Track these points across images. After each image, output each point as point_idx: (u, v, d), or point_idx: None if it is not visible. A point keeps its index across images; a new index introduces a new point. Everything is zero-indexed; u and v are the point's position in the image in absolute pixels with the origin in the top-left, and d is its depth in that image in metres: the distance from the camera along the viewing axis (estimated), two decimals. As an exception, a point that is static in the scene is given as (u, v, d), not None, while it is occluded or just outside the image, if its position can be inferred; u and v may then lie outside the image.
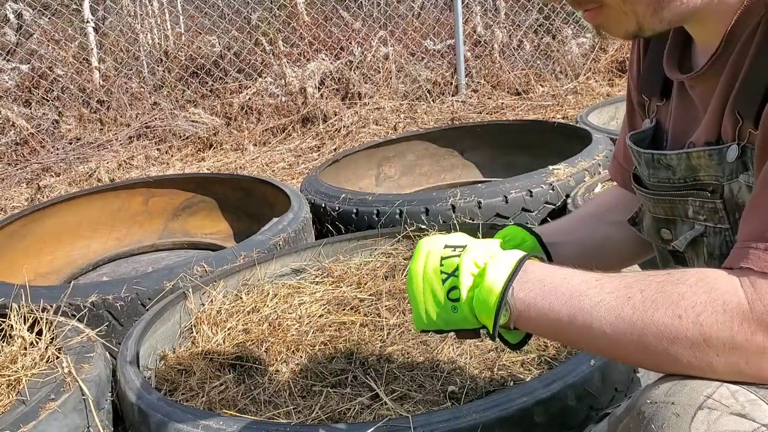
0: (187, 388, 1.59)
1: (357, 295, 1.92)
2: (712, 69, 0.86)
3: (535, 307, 0.80)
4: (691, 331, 0.71)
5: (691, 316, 0.71)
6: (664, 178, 0.95)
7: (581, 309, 0.77)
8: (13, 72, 4.37)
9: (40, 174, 4.06)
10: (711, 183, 0.87)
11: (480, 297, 0.82)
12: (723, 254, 0.88)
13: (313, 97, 4.62)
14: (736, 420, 0.67)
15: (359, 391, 1.52)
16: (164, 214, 3.07)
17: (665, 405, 0.71)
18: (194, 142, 4.44)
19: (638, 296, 0.74)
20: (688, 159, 0.89)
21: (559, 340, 0.82)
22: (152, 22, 5.03)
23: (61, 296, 1.96)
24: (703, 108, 0.90)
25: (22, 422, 1.38)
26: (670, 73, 0.95)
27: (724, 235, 0.88)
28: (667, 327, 0.72)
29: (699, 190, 0.89)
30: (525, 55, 5.35)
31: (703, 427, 0.67)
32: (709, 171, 0.87)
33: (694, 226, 0.92)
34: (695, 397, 0.70)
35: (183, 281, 2.00)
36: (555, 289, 0.79)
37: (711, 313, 0.70)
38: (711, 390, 0.70)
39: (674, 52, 0.95)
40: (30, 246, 2.77)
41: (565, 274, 0.81)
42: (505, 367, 1.55)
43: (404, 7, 5.50)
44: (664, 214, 0.97)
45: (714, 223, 0.88)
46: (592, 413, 1.28)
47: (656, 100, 1.01)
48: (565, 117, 4.34)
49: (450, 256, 0.85)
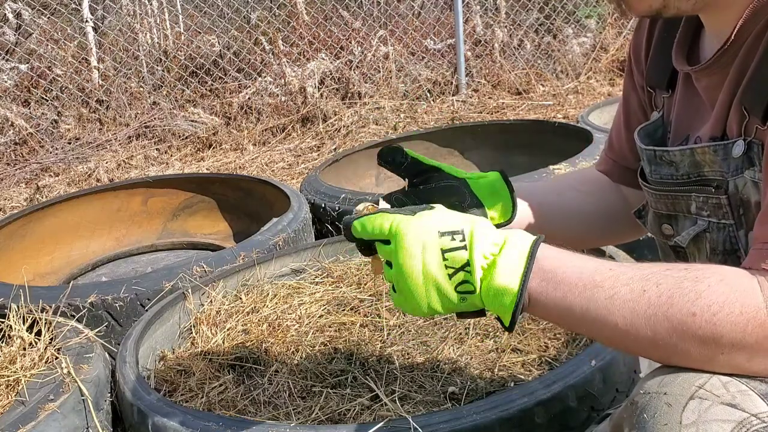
0: (187, 388, 1.58)
1: (357, 296, 1.92)
2: (720, 62, 0.85)
3: (547, 297, 0.78)
4: (703, 329, 0.70)
5: (707, 314, 0.70)
6: (666, 174, 0.94)
7: (595, 301, 0.76)
8: (12, 71, 4.37)
9: (39, 174, 4.05)
10: (715, 178, 0.87)
11: (494, 292, 0.78)
12: (726, 250, 0.88)
13: (313, 97, 4.61)
14: (727, 410, 0.68)
15: (359, 391, 1.51)
16: (163, 214, 3.07)
17: (657, 395, 0.72)
18: (193, 142, 4.43)
19: (654, 290, 0.73)
20: (693, 155, 0.89)
21: (569, 328, 0.80)
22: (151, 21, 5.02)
23: (60, 296, 1.95)
24: (708, 101, 0.89)
25: (21, 423, 1.37)
26: (678, 63, 0.94)
27: (728, 231, 0.87)
28: (681, 323, 0.71)
29: (703, 186, 0.89)
30: (525, 54, 5.34)
31: (693, 416, 0.68)
32: (713, 166, 0.86)
33: (696, 222, 0.91)
34: (687, 388, 0.71)
35: (182, 281, 2.00)
36: (568, 279, 0.77)
37: (727, 314, 0.70)
38: (703, 381, 0.71)
39: (684, 43, 0.94)
40: (29, 246, 2.77)
41: (579, 262, 0.79)
42: (505, 368, 1.55)
43: (404, 7, 5.50)
44: (666, 209, 0.97)
45: (718, 219, 0.88)
46: (593, 414, 1.28)
47: (662, 92, 1.00)
48: (565, 117, 4.33)
49: (453, 248, 0.78)
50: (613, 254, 1.76)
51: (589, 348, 1.35)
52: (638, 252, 2.05)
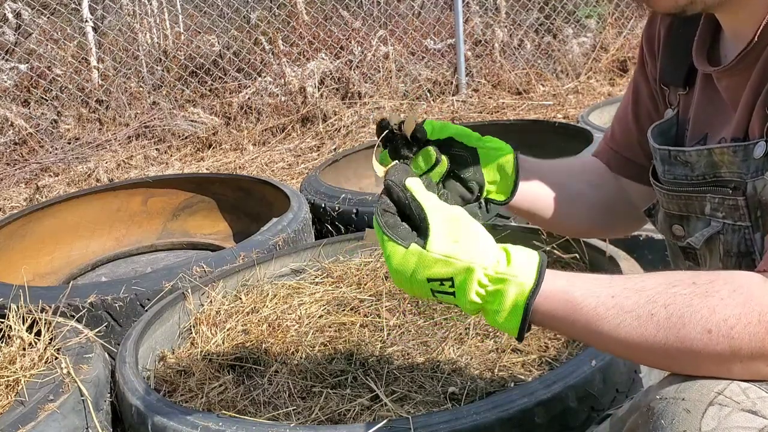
0: (186, 389, 1.58)
1: (357, 296, 1.92)
2: (743, 63, 0.84)
3: (553, 321, 0.77)
4: (721, 345, 0.69)
5: (723, 329, 0.69)
6: (681, 174, 0.93)
7: (600, 334, 0.74)
8: (12, 71, 4.36)
9: (39, 174, 4.05)
10: (733, 180, 0.85)
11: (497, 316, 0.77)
12: (741, 252, 0.87)
13: (313, 97, 4.61)
14: (747, 416, 0.67)
15: (359, 392, 1.51)
16: (163, 214, 3.07)
17: (675, 401, 0.71)
18: (193, 142, 4.43)
19: (662, 313, 0.71)
20: (710, 155, 0.87)
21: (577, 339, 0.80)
22: (151, 21, 5.02)
23: (59, 297, 1.95)
24: (729, 102, 0.88)
25: (21, 423, 1.37)
26: (699, 63, 0.93)
27: (743, 233, 0.86)
28: (695, 342, 0.70)
29: (719, 187, 0.87)
30: (526, 54, 5.34)
31: (713, 423, 0.67)
32: (732, 167, 0.85)
33: (710, 224, 0.90)
34: (706, 394, 0.69)
35: (182, 282, 1.99)
36: (569, 317, 0.75)
37: (745, 326, 0.68)
38: (722, 387, 0.70)
39: (704, 42, 0.93)
40: (29, 246, 2.77)
41: (581, 290, 0.76)
42: (505, 368, 1.54)
43: (404, 6, 5.50)
44: (678, 210, 0.95)
45: (733, 221, 0.87)
46: (593, 414, 1.28)
47: (678, 89, 0.99)
48: (565, 117, 4.33)
49: (442, 291, 0.78)
50: (614, 254, 1.76)
51: (590, 348, 1.35)
52: (638, 252, 2.04)
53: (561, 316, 0.76)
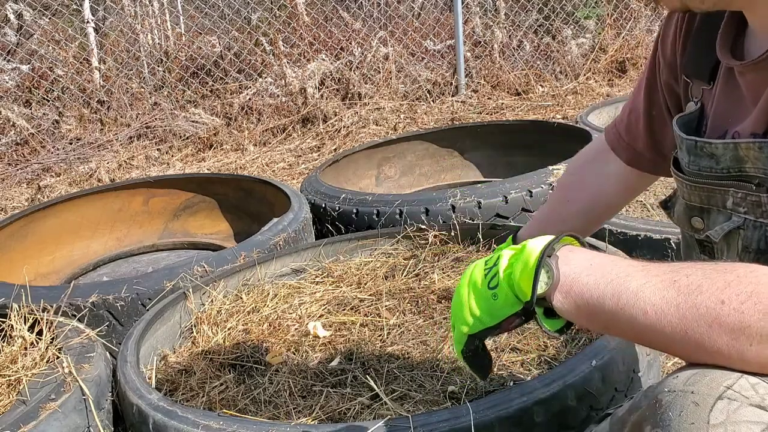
0: (188, 388, 1.59)
1: (357, 295, 1.93)
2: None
3: (579, 282, 0.79)
4: (731, 317, 0.70)
5: (735, 303, 0.70)
6: (705, 166, 0.93)
7: (627, 288, 0.76)
8: (14, 72, 4.37)
9: (41, 174, 4.06)
10: (757, 176, 0.85)
11: (519, 263, 0.83)
12: (760, 249, 0.87)
13: (313, 98, 4.62)
14: (756, 411, 0.67)
15: (359, 391, 1.52)
16: (164, 214, 3.07)
17: (684, 394, 0.71)
18: (194, 143, 4.44)
19: (684, 280, 0.73)
20: (736, 149, 0.87)
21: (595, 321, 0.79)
22: (152, 22, 5.03)
23: (61, 296, 1.96)
24: (751, 97, 0.88)
25: (23, 422, 1.38)
26: (722, 57, 0.93)
27: (765, 230, 0.86)
28: (709, 310, 0.71)
29: (743, 182, 0.87)
30: (525, 55, 5.35)
31: (722, 416, 0.67)
32: (757, 163, 0.85)
33: (731, 218, 0.90)
34: (715, 387, 0.69)
35: (183, 281, 2.00)
36: (601, 267, 0.79)
37: (755, 303, 0.69)
38: (731, 381, 0.70)
39: (728, 35, 0.93)
40: (30, 246, 2.78)
41: (610, 257, 0.81)
42: (505, 367, 1.55)
43: (404, 8, 5.51)
44: (700, 202, 0.95)
45: (755, 217, 0.87)
46: (592, 413, 1.28)
47: (702, 83, 0.98)
48: (564, 117, 4.34)
49: (491, 266, 0.88)
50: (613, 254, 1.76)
51: (589, 347, 1.36)
52: (638, 252, 2.05)
53: (596, 264, 0.80)
